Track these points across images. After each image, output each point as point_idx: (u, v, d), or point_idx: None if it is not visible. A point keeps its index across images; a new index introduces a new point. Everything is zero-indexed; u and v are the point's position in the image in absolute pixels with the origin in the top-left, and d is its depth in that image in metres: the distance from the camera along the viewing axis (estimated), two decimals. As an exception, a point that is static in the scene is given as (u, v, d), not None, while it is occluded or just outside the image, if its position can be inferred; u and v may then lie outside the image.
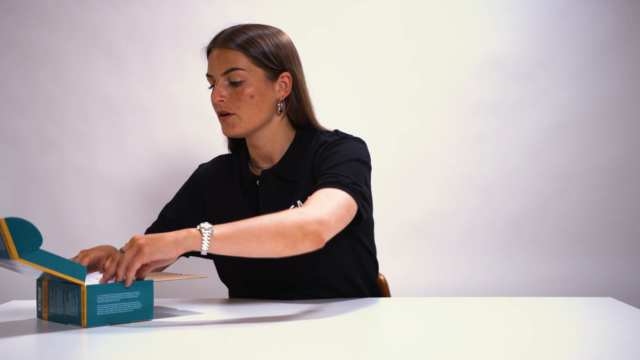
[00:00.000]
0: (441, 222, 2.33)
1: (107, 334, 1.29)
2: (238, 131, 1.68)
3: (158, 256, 1.34)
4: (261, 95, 1.66)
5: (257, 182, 1.73)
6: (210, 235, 1.37)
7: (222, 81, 1.66)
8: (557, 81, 2.33)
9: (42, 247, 1.30)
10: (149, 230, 1.82)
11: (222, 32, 1.70)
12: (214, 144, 2.28)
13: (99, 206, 2.28)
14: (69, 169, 2.27)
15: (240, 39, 1.65)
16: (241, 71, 1.64)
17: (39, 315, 1.45)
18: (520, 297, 1.82)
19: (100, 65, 2.27)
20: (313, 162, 1.69)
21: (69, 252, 2.23)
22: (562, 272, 2.33)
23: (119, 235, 2.27)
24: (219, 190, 1.79)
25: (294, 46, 1.74)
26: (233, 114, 1.66)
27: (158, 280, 1.45)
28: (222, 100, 1.65)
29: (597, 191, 2.34)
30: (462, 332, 1.32)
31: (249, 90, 1.65)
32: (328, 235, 1.47)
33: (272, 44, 1.68)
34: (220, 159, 1.87)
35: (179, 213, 1.81)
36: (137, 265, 1.34)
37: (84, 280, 1.35)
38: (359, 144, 1.70)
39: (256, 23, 1.73)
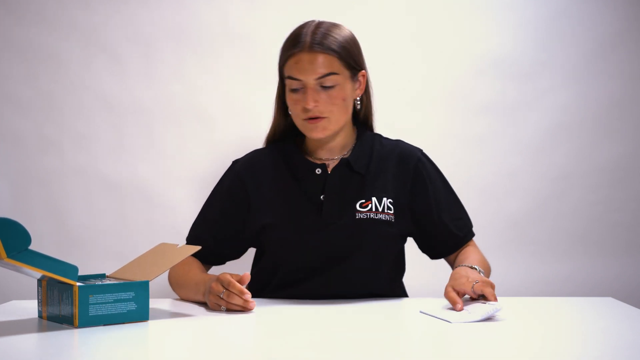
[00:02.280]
0: (441, 222, 2.32)
1: (99, 335, 1.28)
2: (328, 133, 1.71)
3: None
4: (348, 98, 1.71)
5: (318, 170, 1.72)
6: None
7: (314, 85, 1.66)
8: (557, 81, 2.33)
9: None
10: (194, 236, 1.79)
11: (303, 32, 1.70)
12: (214, 144, 2.28)
13: (99, 206, 2.28)
14: (69, 169, 2.27)
15: (332, 43, 1.67)
16: (336, 76, 1.67)
17: (40, 315, 1.45)
18: (520, 297, 1.82)
19: (100, 65, 2.27)
20: (397, 168, 1.77)
21: (69, 252, 2.24)
22: (562, 272, 2.33)
23: (119, 235, 2.27)
24: (265, 181, 1.77)
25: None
26: (325, 117, 1.68)
27: (160, 273, 1.43)
28: (316, 105, 1.66)
29: (597, 192, 2.34)
30: (462, 332, 1.32)
31: (342, 93, 1.68)
32: None
33: (353, 44, 1.73)
34: (258, 152, 1.85)
35: (222, 213, 1.78)
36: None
37: (76, 280, 1.34)
38: (429, 160, 1.87)
39: (327, 21, 1.75)
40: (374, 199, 1.71)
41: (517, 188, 2.34)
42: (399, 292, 1.85)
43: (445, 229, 1.78)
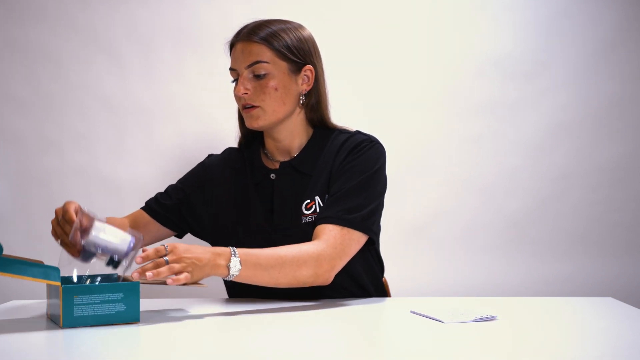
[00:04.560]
0: (441, 222, 2.33)
1: (86, 336, 1.27)
2: (262, 123, 1.70)
3: (190, 281, 1.42)
4: (285, 88, 1.69)
5: (272, 175, 1.74)
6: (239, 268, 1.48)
7: (246, 74, 1.69)
8: (557, 81, 2.33)
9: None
10: (150, 203, 1.83)
11: (245, 26, 1.74)
12: (214, 144, 2.28)
13: (99, 206, 2.27)
14: (69, 169, 2.27)
15: (263, 33, 1.69)
16: (265, 64, 1.68)
17: (47, 313, 1.46)
18: (520, 297, 1.82)
19: (100, 65, 2.27)
20: (334, 159, 1.71)
21: (69, 252, 2.24)
22: (562, 272, 2.33)
23: (119, 235, 2.27)
24: (229, 181, 1.79)
25: (315, 41, 1.77)
26: (257, 106, 1.69)
27: (152, 283, 1.44)
28: (247, 93, 1.68)
29: (597, 191, 2.34)
30: (461, 332, 1.32)
31: (273, 82, 1.68)
32: (333, 275, 1.60)
33: (294, 37, 1.72)
34: (230, 151, 1.88)
35: (185, 195, 1.82)
36: (165, 278, 1.40)
37: (58, 280, 1.34)
38: (377, 154, 1.71)
39: (278, 18, 1.76)
40: (317, 198, 1.69)
41: (517, 188, 2.34)
42: (373, 291, 1.79)
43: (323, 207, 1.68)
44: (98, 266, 2.25)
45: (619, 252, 2.34)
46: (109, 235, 1.42)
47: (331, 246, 1.59)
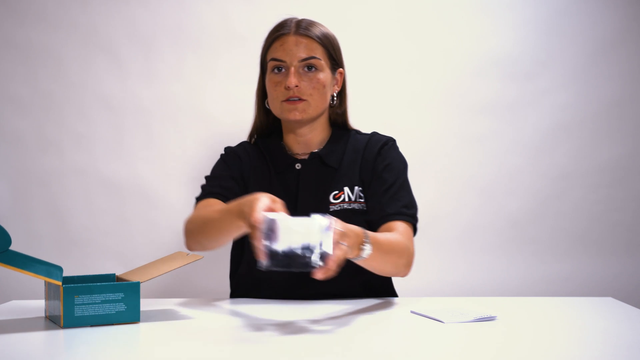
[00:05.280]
0: (441, 222, 2.33)
1: (87, 336, 1.27)
2: (305, 116, 1.75)
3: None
4: (327, 86, 1.77)
5: (297, 165, 1.78)
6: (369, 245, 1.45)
7: (298, 67, 1.73)
8: (557, 81, 2.33)
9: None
10: (217, 190, 1.74)
11: (288, 20, 1.78)
12: (214, 144, 2.28)
13: (99, 206, 2.28)
14: (69, 169, 2.27)
15: (318, 31, 1.76)
16: (318, 60, 1.74)
17: (45, 313, 1.46)
18: (520, 297, 1.82)
19: (100, 65, 2.27)
20: (363, 155, 1.79)
21: (68, 252, 2.24)
22: (562, 272, 2.33)
23: (118, 235, 2.27)
24: (251, 168, 1.81)
25: None
26: (304, 99, 1.73)
27: (153, 277, 1.43)
28: (297, 86, 1.71)
29: (597, 191, 2.34)
30: (460, 332, 1.32)
31: (322, 79, 1.75)
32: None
33: (335, 40, 1.81)
34: (245, 143, 1.88)
35: (226, 174, 1.78)
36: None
37: (60, 280, 1.34)
38: (399, 150, 1.84)
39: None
40: (346, 188, 1.75)
41: (517, 188, 2.34)
42: (387, 288, 1.83)
43: (379, 204, 1.74)
44: (98, 266, 2.26)
45: (619, 252, 2.34)
46: (297, 231, 1.27)
47: (410, 242, 1.68)
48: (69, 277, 1.44)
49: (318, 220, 1.28)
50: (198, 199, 1.77)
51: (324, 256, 1.27)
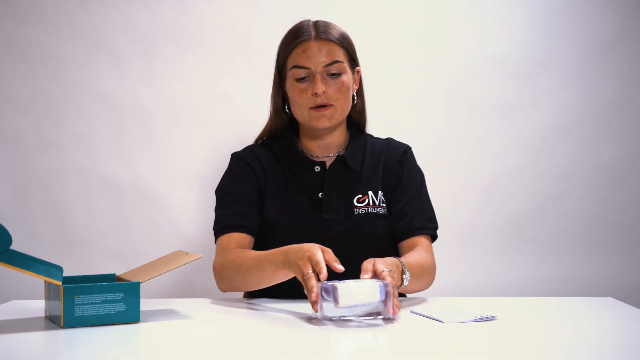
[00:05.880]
0: (441, 222, 2.32)
1: (87, 336, 1.27)
2: (334, 122, 1.75)
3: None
4: (351, 88, 1.77)
5: (317, 167, 1.76)
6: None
7: (322, 72, 1.71)
8: (557, 81, 2.33)
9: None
10: (246, 224, 1.71)
11: (305, 24, 1.76)
12: (214, 144, 2.28)
13: (99, 206, 2.28)
14: (69, 169, 2.27)
15: (336, 33, 1.74)
16: (341, 64, 1.73)
17: (45, 313, 1.46)
18: (520, 297, 1.82)
19: (100, 65, 2.27)
20: (385, 160, 1.81)
21: (68, 252, 2.24)
22: (562, 272, 2.33)
23: (118, 235, 2.27)
24: (264, 173, 1.78)
25: None
26: (331, 105, 1.72)
27: (153, 277, 1.43)
28: (325, 91, 1.70)
29: (597, 191, 2.34)
30: (460, 332, 1.32)
31: (347, 83, 1.74)
32: None
33: (350, 39, 1.79)
34: (254, 147, 1.86)
35: (239, 194, 1.75)
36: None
37: (60, 280, 1.34)
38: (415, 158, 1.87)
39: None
40: (370, 193, 1.76)
41: (517, 188, 2.34)
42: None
43: (405, 215, 1.76)
44: (98, 266, 2.26)
45: (619, 252, 2.34)
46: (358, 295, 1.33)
47: (433, 255, 1.75)
48: (69, 277, 1.44)
49: (376, 283, 1.34)
50: (218, 232, 1.73)
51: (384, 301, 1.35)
